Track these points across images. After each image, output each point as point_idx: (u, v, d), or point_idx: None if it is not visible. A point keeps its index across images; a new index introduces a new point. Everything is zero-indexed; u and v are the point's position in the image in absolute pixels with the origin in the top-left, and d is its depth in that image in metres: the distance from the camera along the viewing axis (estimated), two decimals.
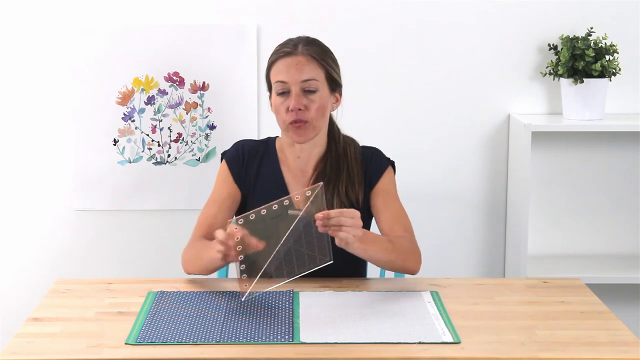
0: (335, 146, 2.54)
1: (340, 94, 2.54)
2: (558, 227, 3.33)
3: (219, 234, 2.18)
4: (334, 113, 2.57)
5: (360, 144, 2.61)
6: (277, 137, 2.61)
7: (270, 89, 2.50)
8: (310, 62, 2.44)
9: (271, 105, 2.51)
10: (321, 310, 2.17)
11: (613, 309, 2.42)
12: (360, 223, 2.20)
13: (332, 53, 2.51)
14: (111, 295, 2.31)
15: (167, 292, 2.31)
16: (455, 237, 3.33)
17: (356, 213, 2.18)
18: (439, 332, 2.04)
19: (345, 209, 2.18)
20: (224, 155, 2.60)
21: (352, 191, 2.50)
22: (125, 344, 1.99)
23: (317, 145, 2.53)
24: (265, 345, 1.98)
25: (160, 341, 2.00)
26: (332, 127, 2.57)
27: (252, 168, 2.55)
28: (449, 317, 2.14)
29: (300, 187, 2.51)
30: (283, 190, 2.50)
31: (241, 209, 2.56)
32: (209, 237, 2.44)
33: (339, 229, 2.15)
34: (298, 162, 2.54)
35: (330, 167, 2.51)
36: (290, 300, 2.23)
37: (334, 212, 2.15)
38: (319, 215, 2.14)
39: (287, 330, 2.05)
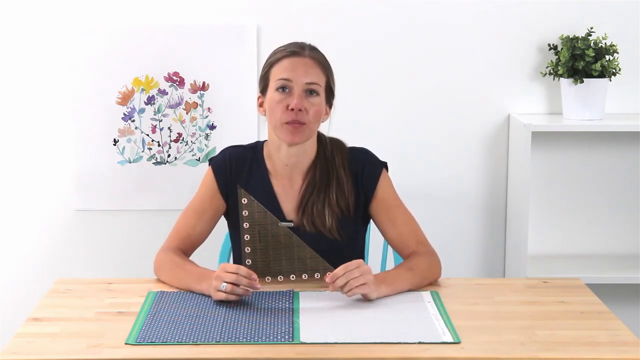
0: (324, 152, 2.49)
1: (331, 107, 2.49)
2: (558, 227, 3.33)
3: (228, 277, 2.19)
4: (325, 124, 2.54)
5: (355, 144, 2.57)
6: (265, 141, 2.54)
7: (264, 89, 2.44)
8: (316, 66, 2.41)
9: (259, 105, 2.47)
10: (321, 310, 2.17)
11: (613, 309, 2.42)
12: (368, 268, 2.21)
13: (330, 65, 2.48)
14: (111, 295, 2.31)
15: (167, 292, 2.31)
16: (455, 237, 3.33)
17: (360, 262, 2.20)
18: (439, 332, 2.04)
19: (348, 263, 2.20)
20: (211, 162, 2.54)
21: (342, 199, 2.45)
22: (125, 344, 1.99)
23: (306, 152, 2.47)
24: (265, 345, 1.98)
25: (160, 341, 2.00)
26: (319, 135, 2.51)
27: (240, 179, 2.48)
28: (449, 317, 2.14)
29: (290, 201, 2.47)
30: (273, 204, 2.45)
31: (227, 220, 2.55)
32: (185, 247, 2.46)
33: (355, 287, 2.18)
34: (286, 170, 2.47)
35: (320, 176, 2.46)
36: (290, 300, 2.23)
37: (339, 271, 2.19)
38: (328, 279, 2.19)
39: (287, 330, 2.05)
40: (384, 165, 2.53)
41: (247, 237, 2.25)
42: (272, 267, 2.26)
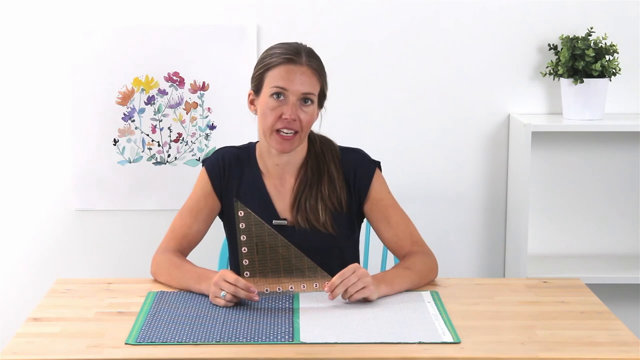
0: (314, 149, 2.48)
1: (321, 108, 2.47)
2: (558, 227, 3.33)
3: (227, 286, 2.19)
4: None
5: (356, 144, 2.57)
6: (257, 142, 2.53)
7: (257, 89, 2.42)
8: (313, 76, 2.39)
9: (250, 104, 2.45)
10: (321, 310, 2.17)
11: (613, 309, 2.42)
12: (365, 271, 2.20)
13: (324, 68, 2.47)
14: (111, 295, 2.31)
15: (167, 292, 2.31)
16: (455, 237, 3.33)
17: (356, 267, 2.20)
18: (439, 332, 2.04)
19: (344, 270, 2.19)
20: (205, 163, 2.53)
21: (334, 194, 2.45)
22: (125, 344, 1.99)
23: (297, 152, 2.46)
24: (265, 345, 1.98)
25: (160, 341, 2.00)
26: (309, 133, 2.50)
27: (233, 179, 2.49)
28: (449, 317, 2.14)
29: (283, 200, 2.47)
30: (266, 203, 2.46)
31: (222, 219, 2.54)
32: (182, 247, 2.46)
33: (355, 293, 2.18)
34: (277, 170, 2.47)
35: (312, 172, 2.46)
36: (290, 300, 2.23)
37: (336, 280, 2.18)
38: (326, 289, 2.19)
39: (287, 330, 2.05)
40: (377, 164, 2.52)
41: (244, 250, 2.24)
42: (270, 278, 2.26)
